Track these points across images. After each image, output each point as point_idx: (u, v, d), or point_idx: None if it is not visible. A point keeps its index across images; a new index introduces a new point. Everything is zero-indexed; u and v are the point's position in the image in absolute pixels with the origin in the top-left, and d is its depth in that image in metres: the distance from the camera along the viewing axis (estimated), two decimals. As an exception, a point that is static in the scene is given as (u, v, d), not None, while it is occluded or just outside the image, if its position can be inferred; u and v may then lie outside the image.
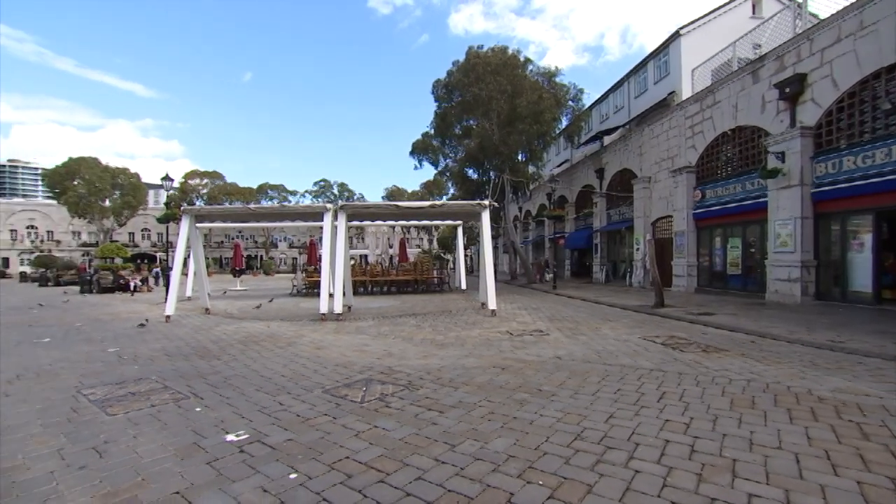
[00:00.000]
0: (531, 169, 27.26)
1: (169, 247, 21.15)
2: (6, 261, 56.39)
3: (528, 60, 24.42)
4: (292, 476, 3.02)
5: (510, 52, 23.85)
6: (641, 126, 21.28)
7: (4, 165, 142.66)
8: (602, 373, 5.60)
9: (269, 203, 57.77)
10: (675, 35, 20.90)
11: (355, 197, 64.27)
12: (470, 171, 28.40)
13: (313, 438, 3.64)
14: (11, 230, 59.03)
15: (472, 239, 41.79)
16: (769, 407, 4.21)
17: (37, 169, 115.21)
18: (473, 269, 42.93)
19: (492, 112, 23.09)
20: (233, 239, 62.01)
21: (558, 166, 33.96)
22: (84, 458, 3.37)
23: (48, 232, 60.80)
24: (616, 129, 25.73)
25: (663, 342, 7.57)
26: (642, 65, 24.30)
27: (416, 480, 2.93)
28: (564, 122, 26.35)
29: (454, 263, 28.42)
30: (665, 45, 21.89)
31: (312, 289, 18.89)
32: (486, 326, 9.78)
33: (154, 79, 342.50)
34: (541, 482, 2.87)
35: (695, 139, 17.07)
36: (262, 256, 65.91)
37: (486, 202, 12.60)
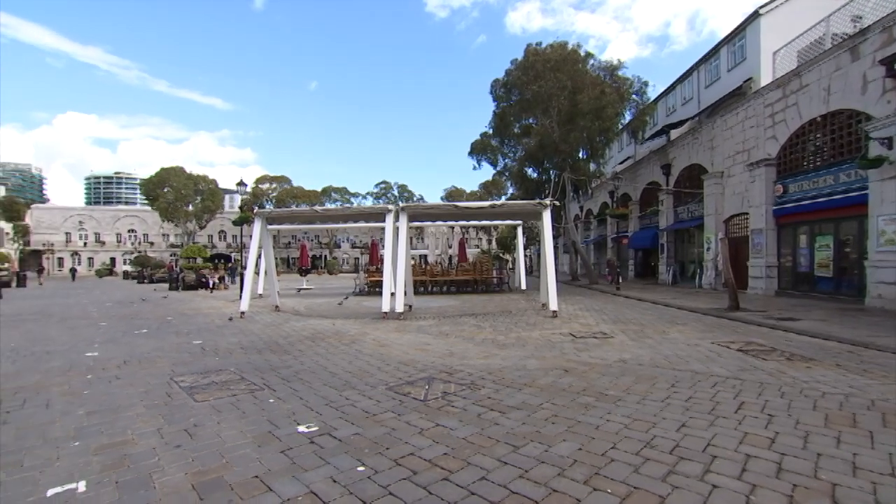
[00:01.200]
0: (592, 166, 26.41)
1: (242, 247, 22.77)
2: (113, 260, 63.76)
3: (589, 55, 23.67)
4: (360, 469, 3.13)
5: (570, 47, 23.24)
6: (713, 118, 19.90)
7: (112, 177, 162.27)
8: (671, 379, 5.31)
9: (333, 205, 60.30)
10: (754, 15, 19.33)
11: (415, 198, 65.43)
12: (529, 171, 27.99)
13: (379, 434, 3.76)
14: (117, 234, 66.70)
15: (532, 239, 41.17)
16: (876, 427, 3.75)
17: (136, 179, 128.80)
18: (533, 270, 42.29)
19: (551, 109, 22.61)
20: (299, 240, 65.42)
21: (621, 163, 32.62)
22: (178, 438, 3.72)
23: (144, 235, 67.72)
24: (684, 121, 24.29)
25: (739, 348, 7.04)
26: (714, 51, 22.73)
27: (479, 480, 2.94)
28: (628, 117, 25.26)
29: (513, 263, 28.14)
30: (741, 28, 20.33)
31: (374, 288, 19.49)
32: (548, 328, 9.60)
33: (230, 92, 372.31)
34: (609, 490, 2.78)
35: (776, 129, 15.68)
36: (325, 256, 68.97)
37: (547, 201, 12.36)
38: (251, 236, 13.36)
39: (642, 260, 29.56)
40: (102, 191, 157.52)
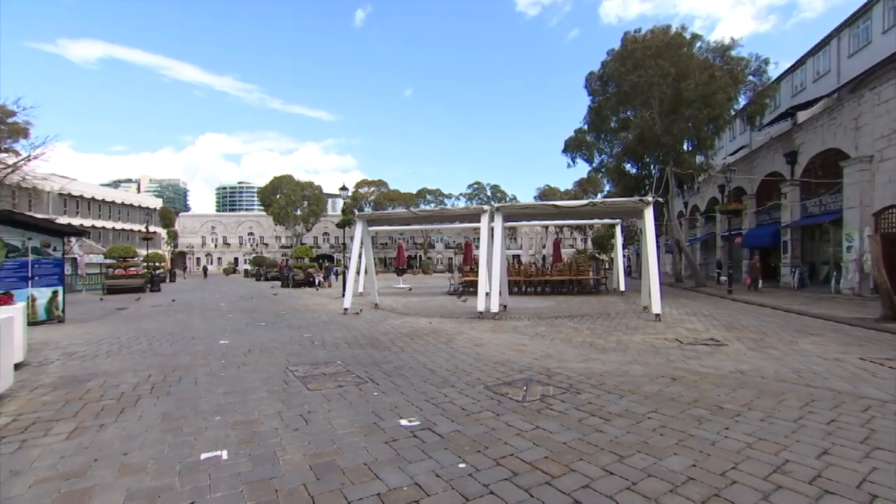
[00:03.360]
0: (699, 159, 24.12)
1: (344, 248, 24.49)
2: (236, 260, 72.46)
3: (695, 37, 21.63)
4: (461, 466, 3.20)
5: (673, 30, 21.44)
6: (859, 91, 17.04)
7: (236, 187, 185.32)
8: (804, 396, 4.66)
9: (428, 206, 62.21)
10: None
11: (508, 198, 64.78)
12: (628, 166, 26.45)
13: (478, 432, 3.81)
14: (239, 237, 75.82)
15: (630, 238, 38.83)
16: None
17: (254, 188, 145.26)
18: (632, 271, 39.85)
19: (652, 100, 21.07)
20: (395, 241, 68.47)
21: (733, 154, 29.38)
22: (296, 422, 4.10)
23: (260, 237, 75.89)
24: (817, 100, 21.14)
25: (900, 366, 5.96)
26: (863, 11, 19.39)
27: (583, 488, 2.85)
28: (742, 102, 22.64)
29: (611, 264, 26.80)
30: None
31: (468, 287, 19.75)
32: (651, 332, 8.99)
33: (334, 104, 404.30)
34: (732, 515, 2.53)
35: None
36: (420, 256, 71.27)
37: (650, 198, 11.57)
38: (352, 238, 14.27)
39: (759, 260, 26.35)
40: (228, 199, 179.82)
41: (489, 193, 65.20)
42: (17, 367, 5.63)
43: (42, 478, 3.10)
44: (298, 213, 64.71)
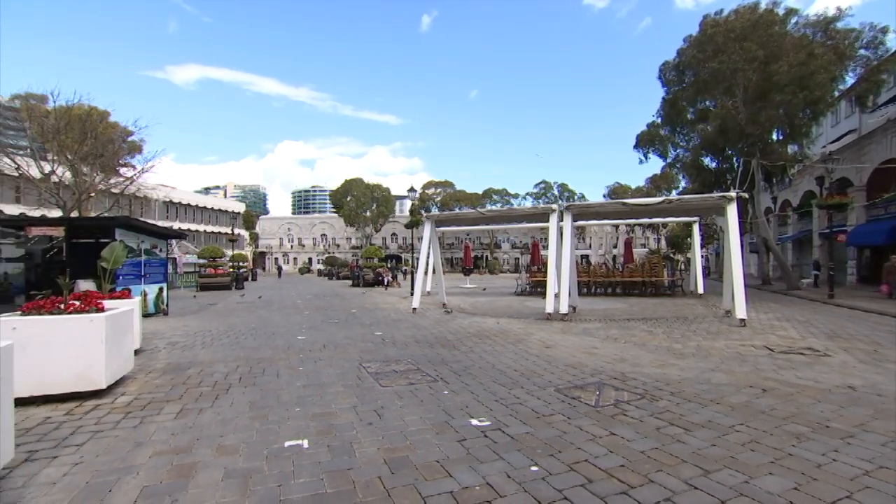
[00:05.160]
0: (791, 149, 21.82)
1: (411, 248, 25.07)
2: (310, 260, 76.71)
3: (790, 12, 19.54)
4: (533, 469, 3.16)
5: (762, 7, 19.59)
6: None
7: (310, 190, 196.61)
8: (937, 420, 4.07)
9: (494, 206, 61.96)
10: None
11: (576, 197, 62.81)
12: (706, 160, 24.63)
13: (550, 435, 3.75)
14: (313, 238, 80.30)
15: (708, 237, 36.17)
16: None
17: (326, 191, 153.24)
18: (710, 271, 37.09)
19: (736, 87, 19.41)
20: (462, 241, 68.84)
21: (835, 141, 26.25)
22: (369, 417, 4.26)
23: (332, 238, 79.82)
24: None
25: None
26: None
27: (665, 501, 2.70)
28: (850, 81, 20.10)
29: (686, 264, 25.14)
30: None
31: (536, 288, 19.43)
32: (735, 338, 8.32)
33: (402, 109, 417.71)
34: (842, 544, 2.27)
35: None
36: (487, 256, 71.16)
37: (733, 194, 10.69)
38: (421, 238, 14.57)
39: (870, 261, 23.32)
40: (303, 202, 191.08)
41: (556, 192, 63.51)
42: (136, 352, 6.42)
43: (158, 451, 3.52)
44: (368, 214, 67.31)
